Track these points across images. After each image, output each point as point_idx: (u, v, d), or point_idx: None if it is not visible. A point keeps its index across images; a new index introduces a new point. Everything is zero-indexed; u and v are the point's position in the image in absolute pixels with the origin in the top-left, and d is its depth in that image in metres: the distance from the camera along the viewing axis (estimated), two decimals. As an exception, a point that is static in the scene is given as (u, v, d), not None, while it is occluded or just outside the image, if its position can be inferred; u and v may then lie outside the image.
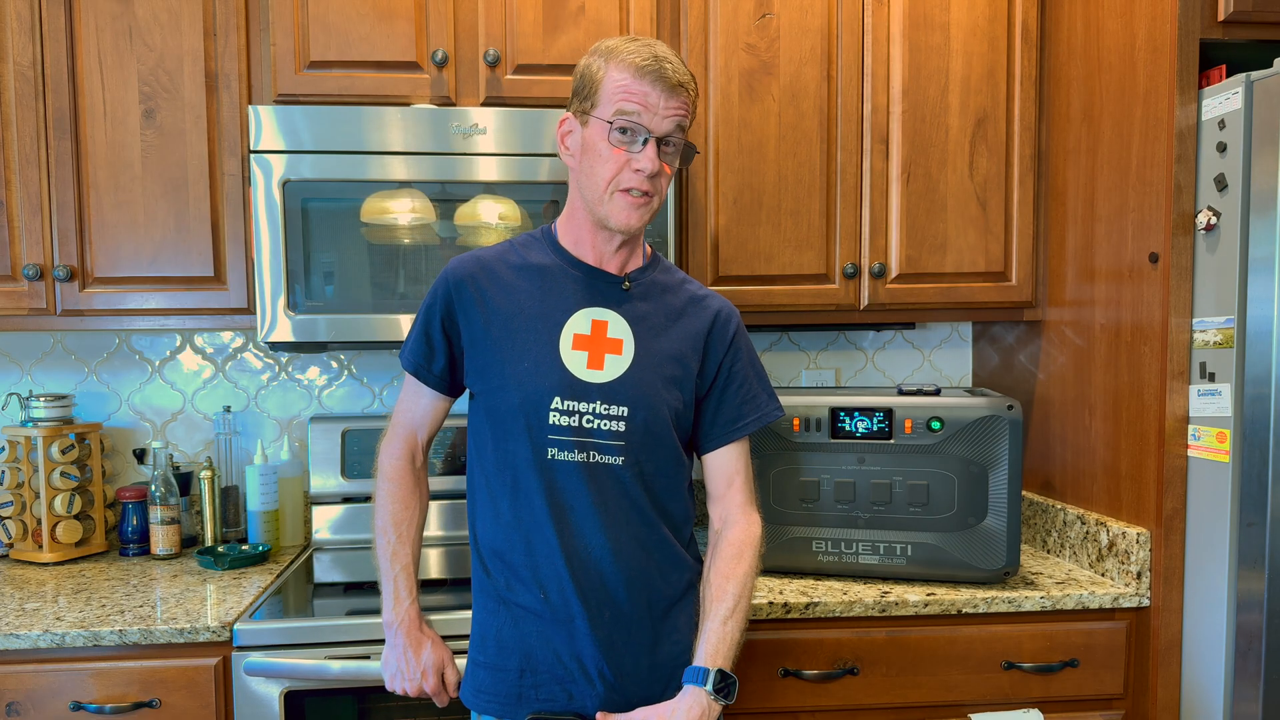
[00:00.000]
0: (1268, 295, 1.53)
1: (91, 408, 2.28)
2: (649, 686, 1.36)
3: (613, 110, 1.27)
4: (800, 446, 1.83)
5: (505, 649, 1.36)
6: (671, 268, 1.47)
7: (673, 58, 1.29)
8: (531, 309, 1.35)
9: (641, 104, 1.26)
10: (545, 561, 1.33)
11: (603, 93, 1.28)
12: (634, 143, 1.28)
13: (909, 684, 1.74)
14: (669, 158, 1.31)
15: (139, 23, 1.91)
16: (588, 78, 1.31)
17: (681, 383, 1.38)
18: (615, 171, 1.29)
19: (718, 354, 1.42)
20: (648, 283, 1.41)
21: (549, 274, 1.38)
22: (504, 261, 1.39)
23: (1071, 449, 2.01)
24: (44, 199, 1.91)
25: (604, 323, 1.35)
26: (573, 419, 1.32)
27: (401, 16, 1.93)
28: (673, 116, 1.28)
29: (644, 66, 1.26)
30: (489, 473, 1.38)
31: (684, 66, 1.31)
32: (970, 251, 2.06)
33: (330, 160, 1.85)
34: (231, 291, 1.96)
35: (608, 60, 1.29)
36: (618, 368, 1.34)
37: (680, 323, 1.40)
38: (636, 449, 1.34)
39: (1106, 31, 1.85)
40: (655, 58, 1.27)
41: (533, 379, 1.32)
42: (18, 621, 1.64)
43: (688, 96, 1.30)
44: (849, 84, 2.03)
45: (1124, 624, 1.76)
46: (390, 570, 1.43)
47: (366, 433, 2.21)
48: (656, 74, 1.26)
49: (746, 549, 1.41)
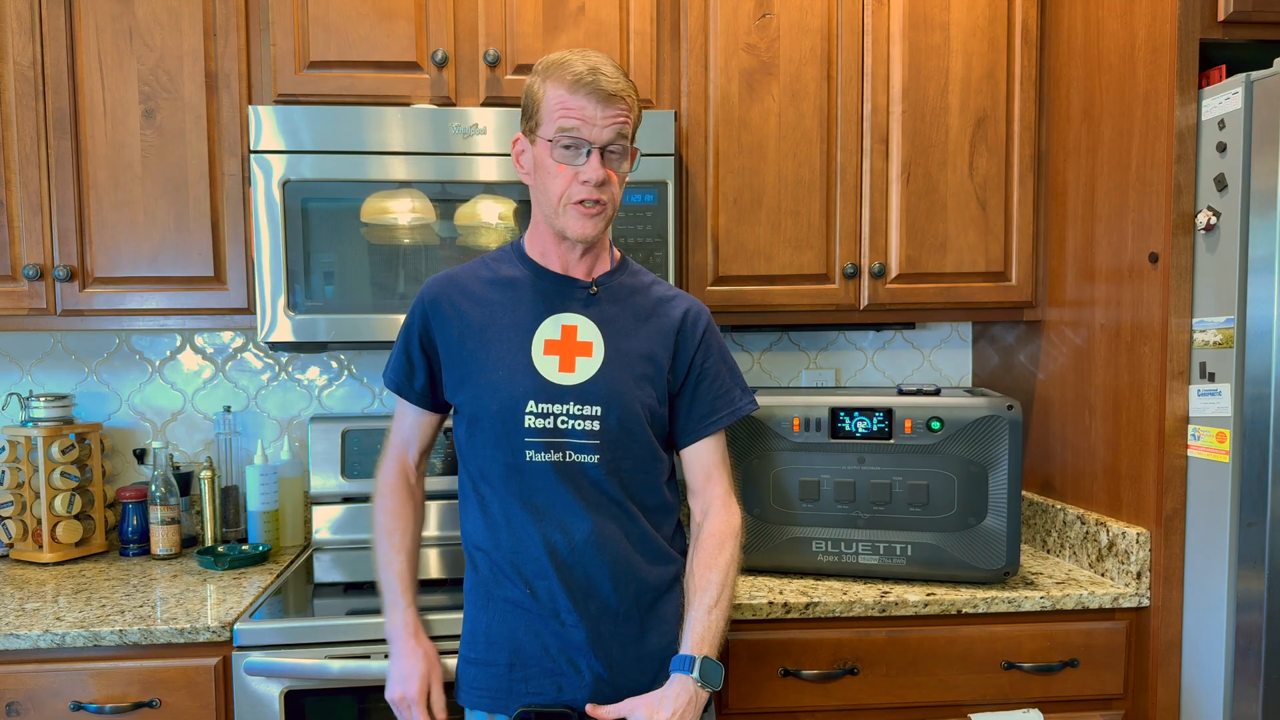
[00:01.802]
0: (1268, 295, 1.53)
1: (91, 408, 2.28)
2: (637, 678, 1.38)
3: (554, 129, 1.32)
4: (800, 446, 1.83)
5: (494, 644, 1.39)
6: (640, 270, 1.51)
7: (607, 66, 1.32)
8: (503, 320, 1.40)
9: (579, 118, 1.30)
10: (530, 559, 1.37)
11: (544, 111, 1.33)
12: (578, 156, 1.32)
13: (909, 684, 1.74)
14: (615, 162, 1.35)
15: (139, 23, 1.91)
16: (530, 97, 1.36)
17: (654, 380, 1.42)
18: (565, 186, 1.33)
19: (688, 351, 1.46)
20: (615, 286, 1.45)
21: (518, 285, 1.43)
22: (475, 277, 1.45)
23: (1071, 449, 2.01)
24: (44, 199, 1.91)
25: (573, 327, 1.40)
26: (547, 421, 1.36)
27: (401, 16, 1.93)
28: (612, 125, 1.32)
29: (578, 80, 1.30)
30: (474, 475, 1.43)
31: (620, 74, 1.34)
32: (970, 251, 2.06)
33: (330, 160, 1.85)
34: (231, 291, 1.96)
35: (545, 78, 1.33)
36: (589, 369, 1.38)
37: (650, 322, 1.44)
38: (611, 447, 1.38)
39: (1106, 31, 1.85)
40: (590, 69, 1.31)
41: (507, 386, 1.37)
42: (18, 621, 1.64)
43: (626, 103, 1.33)
44: (849, 84, 2.03)
45: (1124, 624, 1.76)
46: (384, 579, 1.47)
47: (366, 433, 2.21)
48: (591, 86, 1.30)
49: (728, 539, 1.44)
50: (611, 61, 1.34)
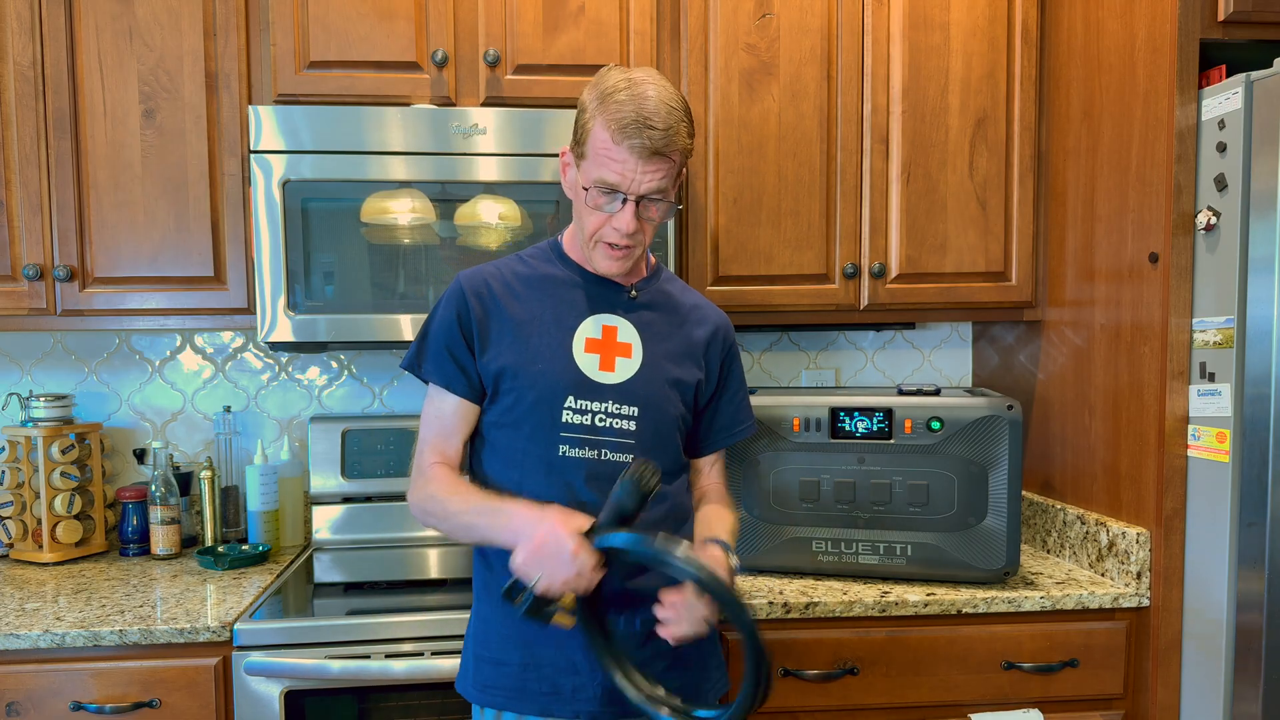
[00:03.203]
0: (1268, 295, 1.53)
1: (91, 408, 2.28)
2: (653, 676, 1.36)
3: (594, 177, 1.31)
4: (800, 446, 1.83)
5: (508, 643, 1.39)
6: (673, 278, 1.54)
7: (659, 116, 1.27)
8: (544, 315, 1.41)
9: (619, 173, 1.29)
10: None
11: (589, 146, 1.32)
12: (612, 203, 1.32)
13: (909, 684, 1.74)
14: (650, 211, 1.34)
15: (139, 23, 1.91)
16: (581, 121, 1.34)
17: (683, 388, 1.44)
18: (597, 226, 1.35)
19: (716, 363, 1.49)
20: (653, 292, 1.47)
21: (559, 283, 1.43)
22: (513, 272, 1.45)
23: (1071, 449, 2.01)
24: (44, 199, 1.91)
25: (614, 328, 1.41)
26: (585, 418, 1.37)
27: (401, 16, 1.93)
28: (652, 180, 1.30)
29: (624, 129, 1.26)
30: (496, 469, 1.41)
31: (670, 122, 1.28)
32: (970, 251, 2.06)
33: (330, 160, 1.85)
34: (231, 291, 1.96)
35: (598, 110, 1.30)
36: (628, 370, 1.40)
37: (683, 330, 1.46)
38: (644, 448, 1.39)
39: (1106, 31, 1.85)
40: (638, 119, 1.26)
41: (547, 378, 1.37)
42: (18, 621, 1.64)
43: (669, 160, 1.31)
44: (849, 84, 2.03)
45: (1124, 624, 1.76)
46: (474, 508, 1.33)
47: (366, 433, 2.21)
48: (637, 143, 1.27)
49: (729, 509, 1.50)
50: (663, 100, 1.28)
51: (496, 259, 1.49)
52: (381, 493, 2.20)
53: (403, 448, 2.21)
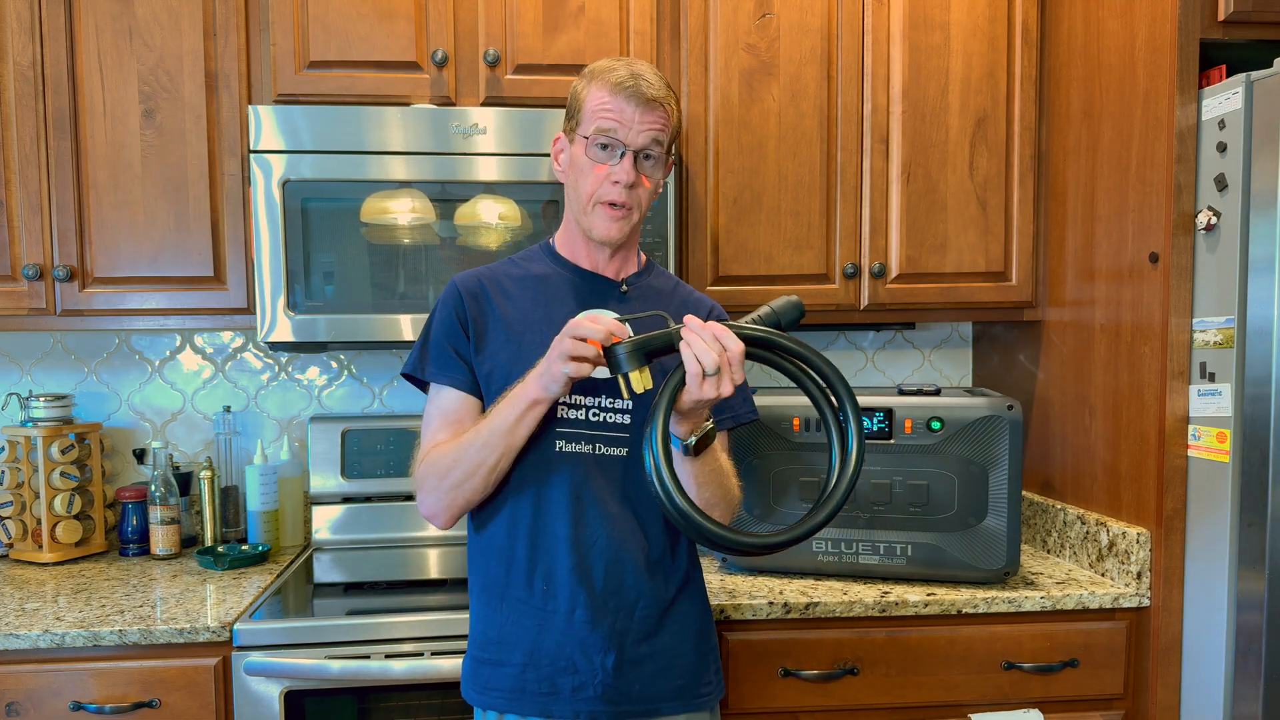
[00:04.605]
0: (1268, 295, 1.53)
1: (91, 408, 2.28)
2: (650, 676, 1.37)
3: (592, 128, 1.35)
4: (800, 446, 1.83)
5: (507, 644, 1.39)
6: (665, 273, 1.54)
7: (651, 75, 1.36)
8: (536, 314, 1.41)
9: (617, 120, 1.33)
10: (548, 553, 1.36)
11: (585, 111, 1.36)
12: (612, 157, 1.35)
13: (909, 684, 1.74)
14: (648, 169, 1.37)
15: (139, 23, 1.91)
16: (574, 98, 1.40)
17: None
18: (596, 185, 1.36)
19: None
20: (644, 286, 1.48)
21: (550, 281, 1.44)
22: (506, 274, 1.46)
23: (1071, 449, 2.01)
24: (44, 199, 1.91)
25: None
26: (580, 413, 1.37)
27: (401, 16, 1.93)
28: (649, 130, 1.34)
29: (620, 83, 1.34)
30: None
31: (663, 84, 1.37)
32: (970, 251, 2.06)
33: (330, 160, 1.85)
34: (231, 291, 1.96)
35: (590, 81, 1.37)
36: None
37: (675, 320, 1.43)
38: (640, 441, 1.37)
39: (1106, 32, 1.85)
40: (632, 75, 1.34)
41: None
42: (18, 621, 1.64)
43: (664, 111, 1.36)
44: (849, 84, 2.03)
45: (1124, 624, 1.76)
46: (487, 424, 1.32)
47: (366, 433, 2.21)
48: (631, 90, 1.33)
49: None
50: (655, 71, 1.37)
51: (494, 261, 1.50)
52: (381, 493, 2.20)
53: (403, 448, 2.21)
